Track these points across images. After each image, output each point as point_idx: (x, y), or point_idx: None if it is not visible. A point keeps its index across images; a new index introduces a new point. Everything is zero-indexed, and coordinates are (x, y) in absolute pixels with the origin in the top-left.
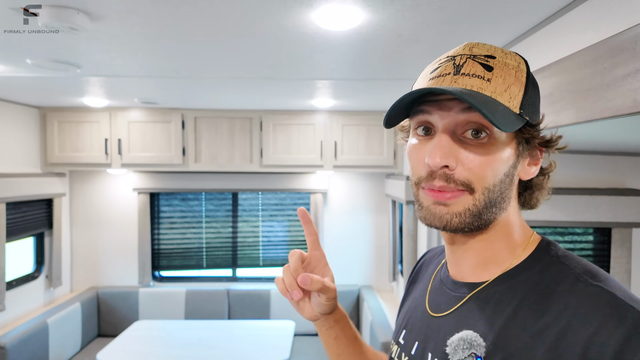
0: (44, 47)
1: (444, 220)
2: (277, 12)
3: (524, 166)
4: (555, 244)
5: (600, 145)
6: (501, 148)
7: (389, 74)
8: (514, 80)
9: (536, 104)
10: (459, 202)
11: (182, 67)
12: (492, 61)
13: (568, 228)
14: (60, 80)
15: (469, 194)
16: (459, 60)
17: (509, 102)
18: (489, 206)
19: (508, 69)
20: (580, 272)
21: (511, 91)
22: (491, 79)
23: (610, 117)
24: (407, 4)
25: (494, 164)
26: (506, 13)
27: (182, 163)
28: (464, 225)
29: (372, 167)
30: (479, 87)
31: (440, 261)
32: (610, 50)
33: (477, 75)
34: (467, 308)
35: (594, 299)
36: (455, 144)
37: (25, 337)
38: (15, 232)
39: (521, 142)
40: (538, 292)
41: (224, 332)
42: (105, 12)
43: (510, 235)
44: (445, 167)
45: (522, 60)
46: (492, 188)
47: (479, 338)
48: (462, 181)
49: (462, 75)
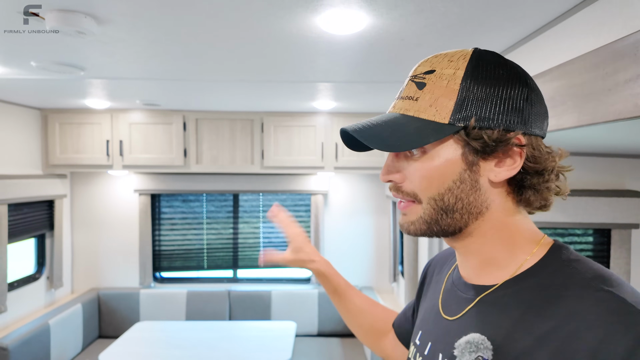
0: (49, 50)
1: (404, 227)
2: (283, 17)
3: (491, 168)
4: (567, 248)
5: (600, 147)
6: (438, 158)
7: (390, 76)
8: (443, 91)
9: (486, 100)
10: (411, 211)
11: (186, 70)
12: (427, 77)
13: (568, 229)
14: (63, 82)
15: (417, 203)
16: (405, 83)
17: (434, 115)
18: (444, 212)
19: (441, 80)
20: (590, 277)
21: (438, 104)
22: (419, 97)
23: (611, 121)
24: (410, 9)
25: (433, 174)
26: (508, 17)
27: (183, 164)
28: (422, 232)
29: (372, 168)
30: (406, 108)
31: (454, 262)
32: (612, 55)
33: (408, 97)
34: (475, 311)
35: (603, 305)
36: (401, 160)
37: (27, 339)
38: (17, 233)
39: (466, 146)
40: (546, 296)
41: (225, 333)
42: (111, 16)
43: (506, 237)
44: (390, 181)
45: (464, 61)
46: (439, 197)
47: (486, 341)
48: (408, 192)
49: (400, 99)
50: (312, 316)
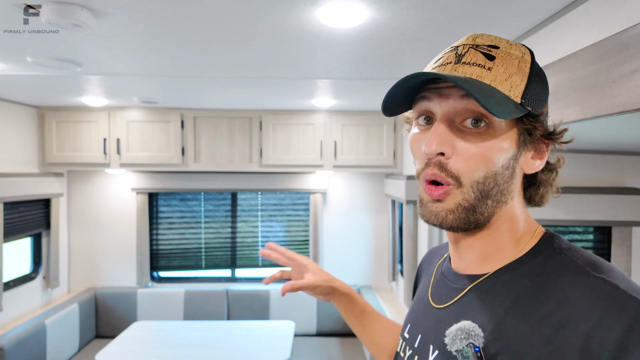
0: (45, 44)
1: (439, 217)
2: (282, 9)
3: (527, 159)
4: (559, 236)
5: (601, 143)
6: (500, 138)
7: (390, 72)
8: (516, 70)
9: (540, 95)
10: (450, 198)
11: (184, 65)
12: (494, 51)
13: (568, 227)
14: (59, 79)
15: (456, 187)
16: (461, 50)
17: (509, 91)
18: (483, 198)
19: (511, 58)
20: (582, 264)
21: (512, 80)
22: (492, 67)
23: (616, 114)
24: (412, 2)
25: (490, 154)
26: (510, 11)
27: (181, 163)
28: (460, 222)
29: (371, 167)
30: (479, 75)
31: (443, 255)
32: (617, 47)
33: (478, 64)
34: (467, 299)
35: (595, 291)
36: (453, 132)
37: (23, 338)
38: (13, 232)
39: (523, 133)
40: (538, 283)
41: (223, 333)
42: (109, 9)
43: (515, 229)
44: (441, 154)
45: (527, 51)
46: (482, 180)
47: (477, 328)
48: (452, 172)
49: (462, 64)
50: (310, 315)
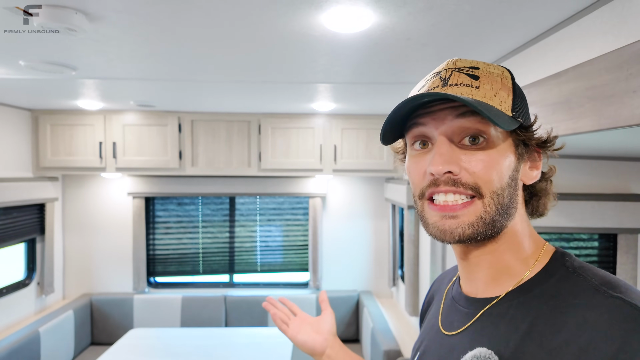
0: (38, 48)
1: (455, 235)
2: (285, 14)
3: (526, 170)
4: (570, 255)
5: (606, 150)
6: (501, 151)
7: (392, 77)
8: (501, 86)
9: (525, 108)
10: (469, 211)
11: (181, 70)
12: (476, 71)
13: (573, 234)
14: (54, 82)
15: (478, 199)
16: (444, 74)
17: (500, 105)
18: (501, 212)
19: (493, 76)
20: (598, 284)
21: (500, 95)
22: (479, 85)
23: (637, 125)
24: (419, 7)
25: (497, 166)
26: (520, 17)
27: (178, 167)
28: (477, 235)
29: (371, 171)
30: (469, 94)
31: (452, 278)
32: (637, 55)
33: (465, 84)
34: (480, 325)
35: (615, 312)
36: (456, 149)
37: (16, 347)
38: (6, 238)
39: (519, 144)
40: (554, 306)
41: (221, 340)
42: (104, 13)
43: (520, 245)
44: (449, 172)
45: (505, 69)
46: (501, 192)
47: (494, 355)
48: (470, 184)
49: (450, 86)
50: None
